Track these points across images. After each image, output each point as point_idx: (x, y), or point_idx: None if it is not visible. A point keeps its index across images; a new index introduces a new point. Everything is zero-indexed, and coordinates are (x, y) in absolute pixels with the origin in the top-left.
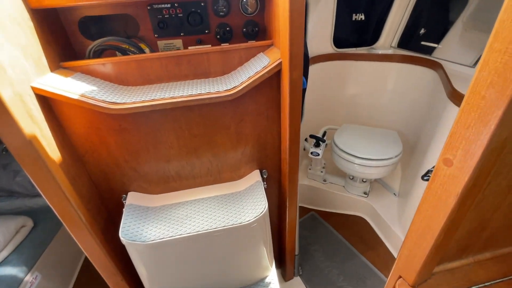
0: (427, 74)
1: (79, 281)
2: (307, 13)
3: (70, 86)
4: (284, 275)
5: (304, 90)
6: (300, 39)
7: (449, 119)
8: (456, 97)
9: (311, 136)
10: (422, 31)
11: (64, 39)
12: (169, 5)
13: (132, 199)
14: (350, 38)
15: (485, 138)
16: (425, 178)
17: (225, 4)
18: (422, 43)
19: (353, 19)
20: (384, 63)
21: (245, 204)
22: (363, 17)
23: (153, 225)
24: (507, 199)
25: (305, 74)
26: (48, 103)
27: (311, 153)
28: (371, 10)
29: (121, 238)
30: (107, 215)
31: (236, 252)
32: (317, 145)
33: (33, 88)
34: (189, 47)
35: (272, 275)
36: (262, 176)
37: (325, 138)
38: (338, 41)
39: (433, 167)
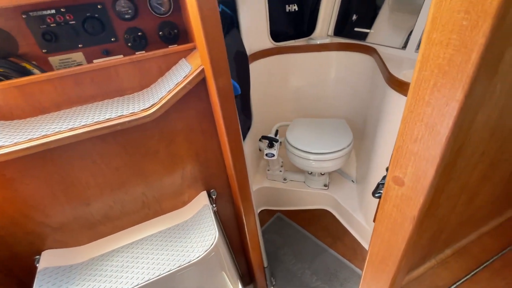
0: (364, 60)
1: None
2: (236, 8)
3: None
4: None
5: (247, 93)
6: (219, 40)
7: (389, 103)
8: (393, 82)
9: (264, 138)
10: (354, 17)
11: None
12: (53, 11)
13: (47, 260)
14: (287, 31)
15: (436, 154)
16: (376, 195)
17: (130, 5)
18: (356, 29)
19: (287, 10)
20: (323, 53)
21: (192, 236)
22: (296, 7)
23: None
24: (460, 199)
25: (246, 73)
26: None
27: (266, 154)
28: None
29: None
30: None
31: None
32: (271, 145)
33: None
34: (94, 61)
35: None
36: (210, 197)
37: (278, 136)
38: (276, 35)
39: (383, 179)
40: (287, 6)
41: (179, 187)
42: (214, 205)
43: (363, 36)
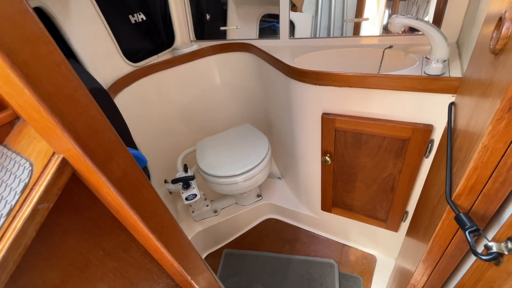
0: (243, 58)
1: None
2: (59, 29)
3: None
4: None
5: (128, 138)
6: (77, 88)
7: (296, 93)
8: (295, 73)
9: (174, 181)
10: (208, 17)
11: None
12: None
13: None
14: (145, 46)
15: None
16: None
17: None
18: (222, 28)
19: (133, 21)
20: (197, 61)
21: None
22: (144, 16)
23: None
24: None
25: (116, 114)
26: None
27: (186, 198)
28: (148, 5)
29: None
30: None
31: None
32: (187, 186)
33: None
34: None
35: None
36: None
37: (189, 170)
38: (132, 55)
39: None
40: (130, 16)
41: None
42: None
43: (224, 34)
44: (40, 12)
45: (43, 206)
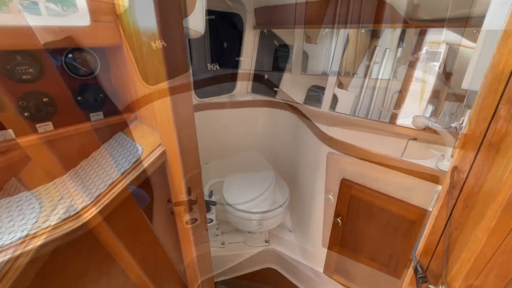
0: (287, 115)
1: None
2: None
3: None
4: None
5: None
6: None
7: (323, 155)
8: (327, 139)
9: None
10: (266, 76)
11: None
12: None
13: None
14: (212, 88)
15: None
16: None
17: (30, 61)
18: (275, 89)
19: (209, 68)
20: (248, 109)
21: None
22: (218, 67)
23: None
24: None
25: None
26: None
27: None
28: (223, 59)
29: None
30: None
31: None
32: (207, 209)
33: None
34: None
35: None
36: None
37: (213, 197)
38: (201, 92)
39: (419, 271)
40: (209, 64)
41: None
42: None
43: (273, 93)
44: None
45: (143, 176)
